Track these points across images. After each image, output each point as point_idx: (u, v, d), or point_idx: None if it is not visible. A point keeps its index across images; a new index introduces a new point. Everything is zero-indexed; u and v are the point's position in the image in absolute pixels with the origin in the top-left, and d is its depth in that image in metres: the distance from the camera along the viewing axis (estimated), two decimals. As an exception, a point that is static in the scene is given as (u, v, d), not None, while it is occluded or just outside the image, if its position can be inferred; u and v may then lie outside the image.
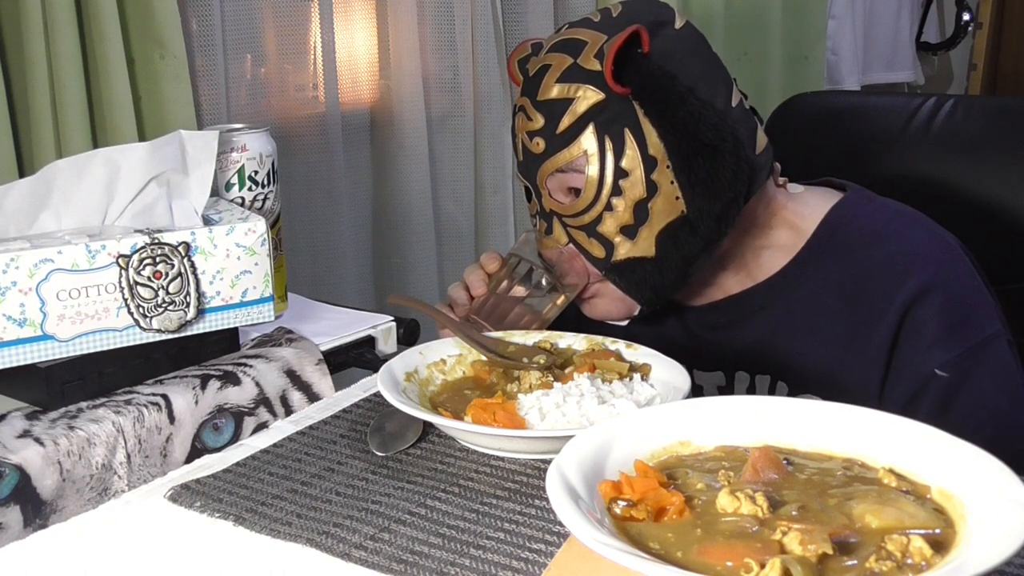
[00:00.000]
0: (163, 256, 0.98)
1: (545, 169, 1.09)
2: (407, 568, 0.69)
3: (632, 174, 1.06)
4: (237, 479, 0.83)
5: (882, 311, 1.08)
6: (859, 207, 1.16)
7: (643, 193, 1.06)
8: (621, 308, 1.15)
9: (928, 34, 3.31)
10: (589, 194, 1.07)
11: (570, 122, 1.06)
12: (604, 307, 1.15)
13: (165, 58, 1.54)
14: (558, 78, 1.07)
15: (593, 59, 1.06)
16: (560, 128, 1.07)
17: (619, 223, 1.07)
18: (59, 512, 0.88)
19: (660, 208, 1.06)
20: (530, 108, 1.10)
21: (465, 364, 0.99)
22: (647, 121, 1.05)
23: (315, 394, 1.06)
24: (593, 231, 1.09)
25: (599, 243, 1.09)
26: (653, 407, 0.84)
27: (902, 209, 1.16)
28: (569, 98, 1.06)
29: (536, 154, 1.10)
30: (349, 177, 1.97)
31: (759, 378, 1.16)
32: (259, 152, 1.16)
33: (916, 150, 1.47)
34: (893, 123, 1.49)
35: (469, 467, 0.84)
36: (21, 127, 1.46)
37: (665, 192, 1.06)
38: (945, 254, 1.11)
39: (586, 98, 1.06)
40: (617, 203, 1.07)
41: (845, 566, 0.61)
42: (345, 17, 1.96)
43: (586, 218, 1.08)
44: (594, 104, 1.06)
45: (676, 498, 0.68)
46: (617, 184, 1.06)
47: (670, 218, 1.07)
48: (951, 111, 1.45)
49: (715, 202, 1.07)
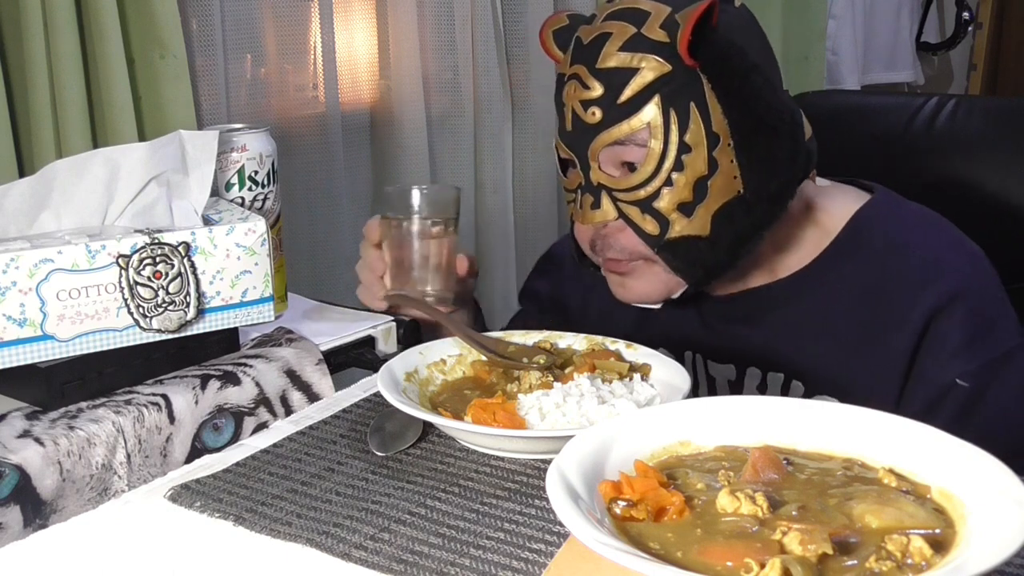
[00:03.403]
0: (163, 256, 0.98)
1: (600, 140, 1.06)
2: (407, 568, 0.69)
3: (695, 150, 1.03)
4: (237, 479, 0.83)
5: (904, 319, 1.07)
6: (886, 210, 1.15)
7: (704, 170, 1.04)
8: (660, 289, 1.12)
9: (928, 34, 3.31)
10: (648, 168, 1.04)
11: (633, 92, 1.03)
12: (641, 288, 1.12)
13: (165, 58, 1.54)
14: (620, 46, 1.03)
15: (659, 29, 1.03)
16: (622, 98, 1.04)
17: (677, 199, 1.04)
18: (59, 512, 0.88)
19: (719, 186, 1.04)
20: (587, 76, 1.05)
21: (465, 364, 0.99)
22: (713, 96, 1.03)
23: (315, 394, 1.06)
24: (648, 206, 1.06)
25: (653, 219, 1.06)
26: (653, 407, 0.84)
27: (929, 215, 1.15)
28: (633, 68, 1.03)
29: (590, 124, 1.06)
30: (349, 177, 1.97)
31: (771, 376, 1.15)
32: (259, 152, 1.15)
33: (918, 150, 1.47)
34: (894, 123, 1.49)
35: (469, 467, 0.84)
36: (21, 127, 1.46)
37: (725, 170, 1.04)
38: (969, 263, 1.10)
39: (652, 68, 1.02)
40: (677, 179, 1.04)
41: (845, 566, 0.61)
42: (345, 17, 1.96)
43: (642, 192, 1.05)
44: (660, 75, 1.02)
45: (676, 498, 0.68)
46: (680, 159, 1.03)
47: (727, 197, 1.05)
48: (953, 111, 1.45)
49: (771, 183, 1.06)
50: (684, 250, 1.07)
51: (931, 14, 3.29)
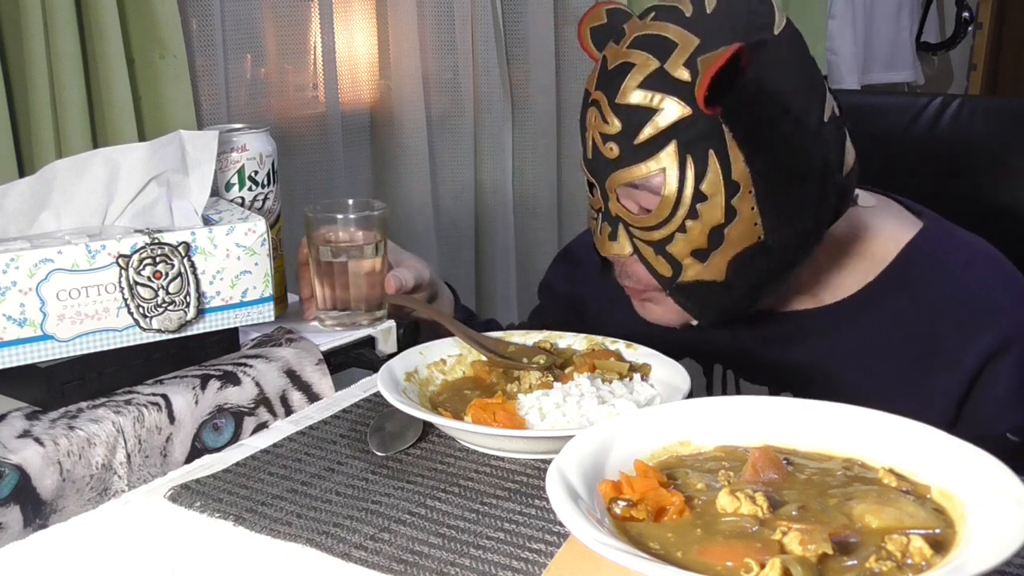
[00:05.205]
0: (163, 256, 0.98)
1: (616, 178, 1.01)
2: (407, 568, 0.69)
3: (712, 199, 0.98)
4: (237, 479, 0.83)
5: (954, 361, 1.03)
6: (937, 243, 1.10)
7: (721, 219, 0.99)
8: (677, 318, 1.09)
9: (928, 34, 3.31)
10: (662, 213, 1.00)
11: (650, 135, 0.98)
12: (659, 313, 1.10)
13: (165, 58, 1.54)
14: (641, 83, 0.98)
15: (682, 67, 0.96)
16: (639, 139, 0.98)
17: (692, 246, 1.00)
18: (59, 512, 0.88)
19: (737, 234, 0.99)
20: (606, 109, 1.00)
21: (465, 364, 0.99)
22: (735, 144, 0.97)
23: (315, 394, 1.06)
24: (662, 249, 1.01)
25: (666, 262, 1.02)
26: (653, 407, 0.84)
27: (981, 247, 1.11)
28: (652, 108, 0.97)
29: (608, 159, 1.01)
30: (349, 177, 1.97)
31: None
32: (259, 152, 1.15)
33: (918, 150, 1.46)
34: (895, 123, 1.49)
35: (469, 467, 0.84)
36: (21, 127, 1.46)
37: (744, 217, 0.99)
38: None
39: (671, 111, 0.96)
40: (692, 226, 0.99)
41: (845, 566, 0.61)
42: (345, 17, 1.96)
43: (655, 235, 1.01)
44: (679, 119, 0.96)
45: (676, 498, 0.68)
46: (694, 207, 0.98)
47: (746, 243, 1.00)
48: (955, 112, 1.45)
49: (796, 229, 1.01)
50: (697, 293, 1.03)
51: (931, 14, 3.29)
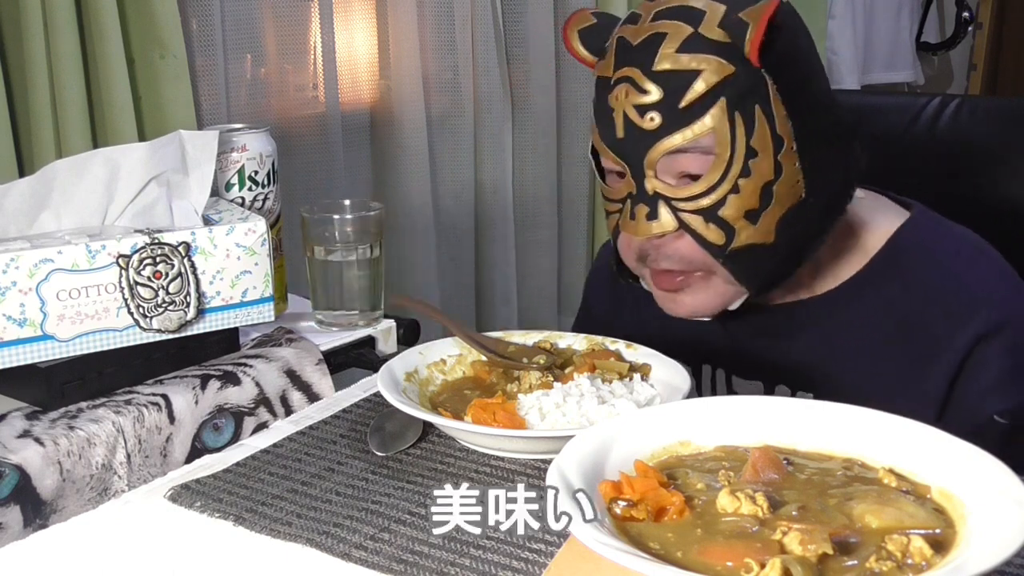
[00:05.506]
0: (163, 256, 0.98)
1: (659, 148, 0.99)
2: (407, 568, 0.69)
3: (762, 154, 0.98)
4: (237, 479, 0.83)
5: (944, 348, 1.04)
6: (926, 232, 1.11)
7: (771, 175, 0.99)
8: (717, 303, 1.07)
9: (928, 34, 3.31)
10: (714, 175, 0.99)
11: (695, 96, 0.97)
12: (694, 303, 1.07)
13: (165, 58, 1.54)
14: (678, 48, 0.97)
15: (717, 28, 0.97)
16: (683, 102, 0.97)
17: (744, 206, 0.99)
18: (59, 512, 0.88)
19: (784, 191, 1.00)
20: (641, 79, 0.99)
21: (465, 364, 0.99)
22: (777, 99, 0.98)
23: (315, 394, 1.06)
24: (713, 215, 1.00)
25: (718, 228, 1.00)
26: (653, 407, 0.84)
27: (970, 238, 1.11)
28: (693, 70, 0.97)
29: (648, 130, 0.99)
30: (349, 177, 1.97)
31: (800, 395, 1.11)
32: (259, 152, 1.16)
33: (919, 150, 1.46)
34: (895, 123, 1.49)
35: (469, 467, 0.84)
36: (21, 127, 1.46)
37: (788, 174, 1.00)
38: (1013, 293, 1.07)
39: (713, 71, 0.97)
40: (744, 185, 0.99)
41: (845, 566, 0.61)
42: (345, 17, 1.96)
43: (705, 201, 0.99)
44: (724, 78, 0.97)
45: (676, 498, 0.68)
46: (747, 164, 0.98)
47: (791, 202, 1.00)
48: (954, 112, 1.44)
49: (829, 190, 1.03)
50: (748, 259, 1.02)
51: (931, 14, 3.29)
